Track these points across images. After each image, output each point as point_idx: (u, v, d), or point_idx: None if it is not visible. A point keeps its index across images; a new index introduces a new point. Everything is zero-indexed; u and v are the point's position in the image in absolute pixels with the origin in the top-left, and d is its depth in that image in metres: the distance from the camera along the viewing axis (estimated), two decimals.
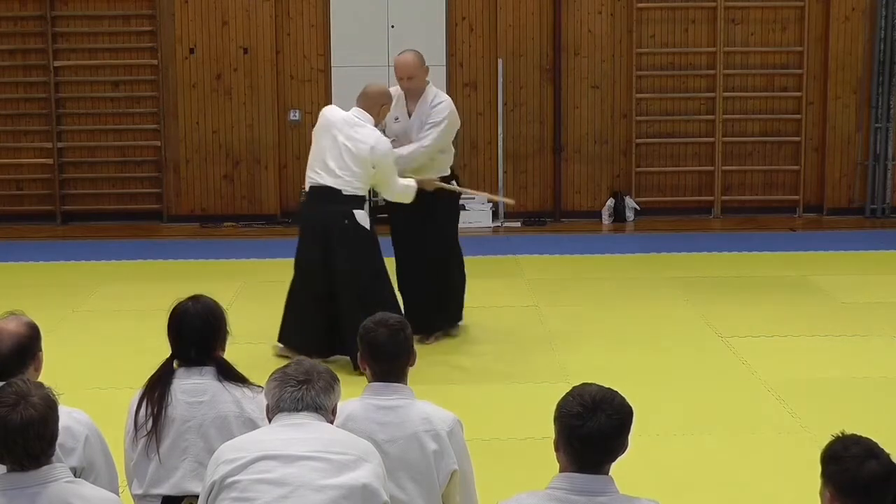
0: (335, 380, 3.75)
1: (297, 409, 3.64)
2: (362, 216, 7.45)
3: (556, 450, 3.37)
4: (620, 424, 3.32)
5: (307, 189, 7.65)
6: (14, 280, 10.24)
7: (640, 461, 4.96)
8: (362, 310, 7.17)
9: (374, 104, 7.62)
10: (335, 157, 7.42)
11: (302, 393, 3.65)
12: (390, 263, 7.89)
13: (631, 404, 3.38)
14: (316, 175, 7.51)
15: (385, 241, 7.91)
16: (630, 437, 3.37)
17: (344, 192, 7.39)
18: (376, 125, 7.58)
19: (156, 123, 12.93)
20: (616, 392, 3.38)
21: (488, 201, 8.27)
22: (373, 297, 7.31)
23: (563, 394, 3.40)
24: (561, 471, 3.36)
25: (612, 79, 12.98)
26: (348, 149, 7.41)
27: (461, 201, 12.76)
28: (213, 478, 3.56)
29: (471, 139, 13.02)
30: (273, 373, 3.75)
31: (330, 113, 7.66)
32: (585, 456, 3.30)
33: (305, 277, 7.62)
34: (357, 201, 7.45)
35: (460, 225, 12.57)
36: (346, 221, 7.39)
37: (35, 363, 4.08)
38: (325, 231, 7.45)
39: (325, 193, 7.43)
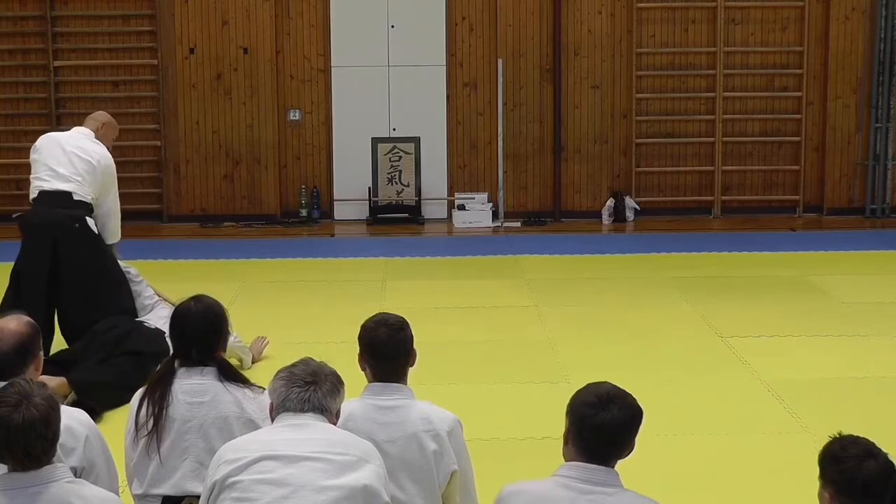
0: (341, 382, 3.75)
1: (302, 410, 3.64)
2: (92, 223, 7.34)
3: (566, 443, 3.42)
4: (631, 419, 3.40)
5: (36, 195, 7.38)
6: None
7: (640, 461, 4.95)
8: (91, 313, 7.11)
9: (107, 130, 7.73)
10: (65, 164, 7.33)
11: (309, 394, 3.65)
12: None
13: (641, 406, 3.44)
14: (43, 182, 7.33)
15: None
16: (637, 438, 3.41)
17: (74, 197, 7.29)
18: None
19: (156, 123, 12.93)
20: (629, 393, 3.46)
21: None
22: (104, 300, 7.25)
23: (563, 394, 3.43)
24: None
25: (612, 79, 12.98)
26: (80, 157, 7.35)
27: (460, 201, 12.83)
28: (215, 478, 3.56)
29: (471, 139, 13.03)
30: (279, 371, 3.75)
31: (52, 135, 7.64)
32: (595, 446, 3.37)
33: (30, 283, 7.24)
34: (86, 208, 7.33)
35: (461, 224, 12.73)
36: (77, 225, 7.26)
37: (35, 363, 4.09)
38: (54, 234, 7.23)
39: (55, 197, 7.27)
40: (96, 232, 7.36)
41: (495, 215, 12.88)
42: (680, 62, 13.06)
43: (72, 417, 3.89)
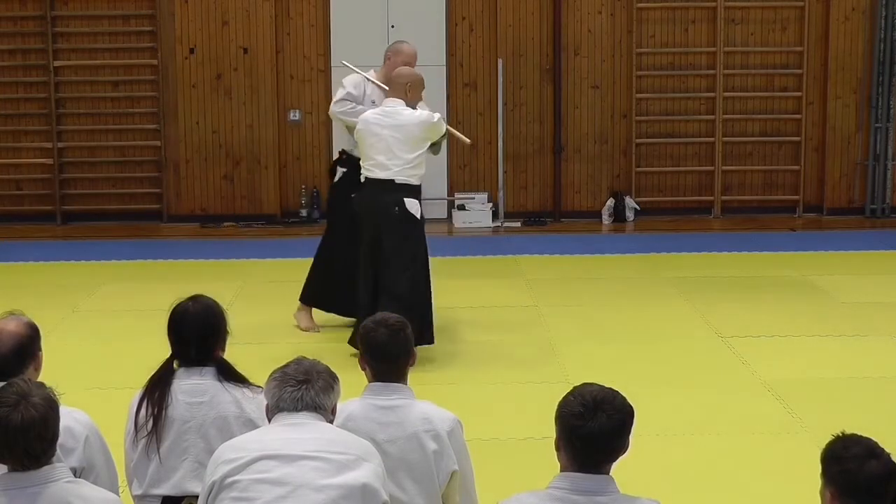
0: (335, 379, 3.76)
1: (296, 409, 3.65)
2: (413, 204, 7.61)
3: (557, 449, 3.37)
4: (621, 424, 3.32)
5: (363, 180, 7.75)
6: (14, 280, 10.24)
7: (640, 461, 4.95)
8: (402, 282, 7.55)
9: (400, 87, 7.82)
10: (383, 150, 7.57)
11: (301, 393, 3.66)
12: None
13: (631, 404, 3.38)
14: (368, 171, 7.68)
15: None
16: (631, 437, 3.37)
17: (396, 182, 7.56)
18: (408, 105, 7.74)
19: (156, 123, 12.93)
20: (617, 392, 3.38)
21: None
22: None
23: (564, 394, 3.40)
24: (562, 470, 3.36)
25: (612, 79, 12.98)
26: (396, 139, 7.56)
27: (461, 201, 12.82)
28: (213, 477, 3.56)
29: (471, 139, 13.01)
30: (273, 372, 3.75)
31: (364, 117, 7.77)
32: (586, 455, 3.31)
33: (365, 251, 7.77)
34: (410, 190, 7.62)
35: (461, 224, 12.74)
36: (397, 209, 7.55)
37: (35, 363, 4.08)
38: (378, 217, 7.65)
39: (379, 184, 7.61)
40: (417, 215, 7.68)
41: (495, 215, 12.88)
42: (680, 62, 13.06)
43: (71, 417, 3.89)
